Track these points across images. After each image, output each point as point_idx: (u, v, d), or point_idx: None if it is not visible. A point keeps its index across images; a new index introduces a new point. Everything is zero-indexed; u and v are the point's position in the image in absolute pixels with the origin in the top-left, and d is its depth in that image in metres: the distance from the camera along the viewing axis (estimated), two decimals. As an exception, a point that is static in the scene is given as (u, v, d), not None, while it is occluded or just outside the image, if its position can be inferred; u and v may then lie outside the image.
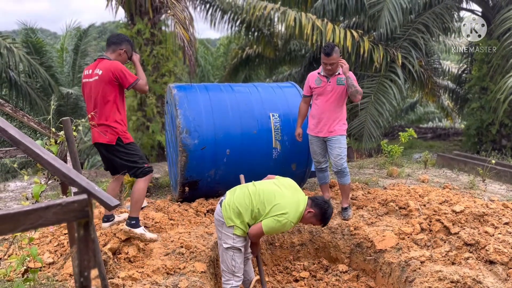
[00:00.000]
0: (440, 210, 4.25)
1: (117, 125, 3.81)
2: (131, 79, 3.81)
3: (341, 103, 4.70)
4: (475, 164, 6.66)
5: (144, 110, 9.77)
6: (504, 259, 3.42)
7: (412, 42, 9.78)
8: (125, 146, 3.86)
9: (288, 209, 3.21)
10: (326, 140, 4.76)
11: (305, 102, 4.96)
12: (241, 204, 3.33)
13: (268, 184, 3.49)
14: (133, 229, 3.81)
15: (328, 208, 3.35)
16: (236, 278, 3.41)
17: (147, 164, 3.96)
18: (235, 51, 15.68)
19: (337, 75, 4.65)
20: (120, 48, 3.95)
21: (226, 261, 3.39)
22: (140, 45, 9.52)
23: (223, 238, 3.36)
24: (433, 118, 21.20)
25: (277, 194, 3.31)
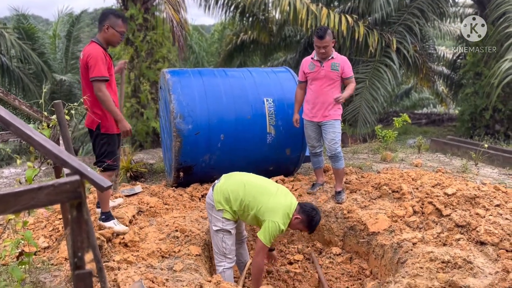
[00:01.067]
0: (433, 193, 4.29)
1: (99, 111, 3.69)
2: (95, 73, 3.52)
3: (335, 87, 4.69)
4: (468, 149, 6.71)
5: (138, 97, 9.71)
6: (494, 240, 3.47)
7: (407, 27, 9.75)
8: (101, 135, 3.76)
9: (278, 214, 3.24)
10: (320, 124, 4.77)
11: (300, 88, 4.95)
12: (234, 191, 3.37)
13: (265, 181, 3.53)
14: (104, 223, 3.79)
15: (316, 216, 3.38)
16: (228, 260, 3.45)
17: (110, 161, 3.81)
18: (229, 37, 15.56)
19: (330, 60, 4.63)
20: (103, 24, 3.68)
21: (217, 243, 3.44)
22: (133, 30, 9.42)
23: (213, 221, 3.41)
24: (427, 104, 21.27)
25: (270, 193, 3.34)
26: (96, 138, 3.79)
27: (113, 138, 3.85)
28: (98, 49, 3.61)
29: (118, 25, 3.69)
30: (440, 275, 3.05)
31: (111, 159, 3.82)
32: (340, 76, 4.64)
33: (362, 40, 9.01)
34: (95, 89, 3.57)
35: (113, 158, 3.85)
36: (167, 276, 3.22)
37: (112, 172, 3.95)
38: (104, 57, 3.63)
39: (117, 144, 3.94)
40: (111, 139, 3.83)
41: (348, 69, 4.65)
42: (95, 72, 3.53)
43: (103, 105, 3.63)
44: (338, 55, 4.71)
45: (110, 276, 3.11)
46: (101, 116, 3.73)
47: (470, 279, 3.04)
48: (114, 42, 3.75)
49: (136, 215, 4.22)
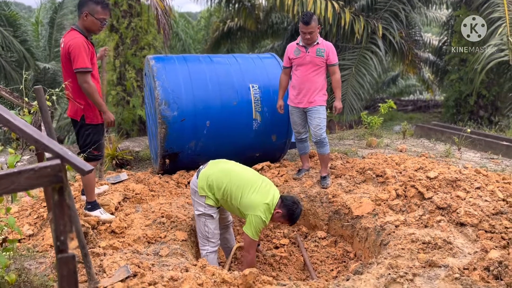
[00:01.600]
0: (415, 177, 4.37)
1: (83, 102, 3.65)
2: (79, 64, 3.44)
3: (320, 73, 4.70)
4: (451, 134, 6.82)
5: (123, 85, 9.61)
6: (474, 221, 3.56)
7: (393, 13, 9.78)
8: (85, 125, 3.73)
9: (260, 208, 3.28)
10: (306, 110, 4.79)
11: (285, 73, 4.95)
12: (218, 180, 3.40)
13: (250, 172, 3.56)
14: (90, 212, 3.79)
15: (296, 209, 3.43)
16: (211, 244, 3.51)
17: (96, 151, 3.79)
18: (216, 24, 15.44)
19: (316, 45, 4.63)
20: (81, 11, 3.56)
21: (199, 228, 3.49)
22: (117, 17, 9.28)
23: (196, 205, 3.45)
24: (414, 91, 21.43)
25: (254, 186, 3.37)
26: (81, 129, 3.76)
27: (98, 128, 3.83)
28: (79, 38, 3.51)
29: (97, 11, 3.57)
30: (421, 256, 3.13)
31: (96, 149, 3.81)
32: (325, 62, 4.66)
33: (348, 27, 9.02)
34: (80, 80, 3.51)
35: (98, 147, 3.84)
36: (153, 261, 3.24)
37: (96, 162, 3.93)
38: (86, 46, 3.55)
39: (101, 133, 3.93)
40: (95, 129, 3.80)
41: (333, 55, 4.66)
42: (78, 63, 3.46)
43: (89, 97, 3.59)
44: (324, 41, 4.71)
45: (96, 262, 3.13)
46: (85, 106, 3.69)
47: (450, 258, 3.12)
48: (95, 30, 3.64)
49: (121, 202, 4.22)
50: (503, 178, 4.60)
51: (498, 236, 3.36)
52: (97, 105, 3.65)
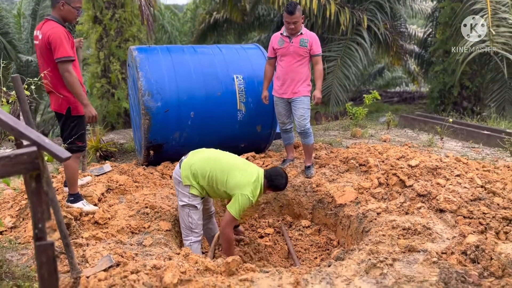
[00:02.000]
0: (397, 165, 4.43)
1: (68, 94, 3.60)
2: (61, 54, 3.39)
3: (304, 64, 4.71)
4: (434, 124, 6.91)
5: (108, 77, 9.52)
6: (453, 207, 3.63)
7: (378, 5, 9.83)
8: (71, 117, 3.69)
9: (248, 187, 3.32)
10: (290, 101, 4.80)
11: (270, 64, 4.95)
12: (201, 167, 3.42)
13: (231, 156, 3.59)
14: (72, 205, 3.76)
15: (282, 180, 3.50)
16: (194, 234, 3.52)
17: (81, 143, 3.77)
18: (202, 16, 15.33)
19: (299, 36, 4.63)
20: (57, 1, 3.50)
21: (183, 218, 3.50)
22: (101, 8, 9.16)
23: (180, 196, 3.46)
24: (400, 82, 21.59)
25: (238, 168, 3.41)
26: (66, 121, 3.72)
27: (83, 119, 3.80)
28: (59, 28, 3.47)
29: (73, 0, 3.53)
30: (401, 241, 3.19)
31: (80, 140, 3.77)
32: (309, 52, 4.67)
33: (333, 18, 9.04)
34: (62, 70, 3.46)
35: (82, 138, 3.81)
36: (136, 251, 3.25)
37: (80, 153, 3.91)
38: (67, 35, 3.51)
39: (85, 124, 3.90)
40: (81, 120, 3.78)
41: (316, 46, 4.66)
42: (60, 53, 3.41)
43: (70, 87, 3.53)
44: (308, 31, 4.71)
45: (79, 252, 3.12)
46: (71, 98, 3.64)
47: (429, 243, 3.19)
48: (71, 19, 3.60)
49: (105, 193, 4.20)
50: (483, 166, 4.70)
51: (476, 222, 3.44)
52: (78, 96, 3.59)
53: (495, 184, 4.03)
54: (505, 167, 4.78)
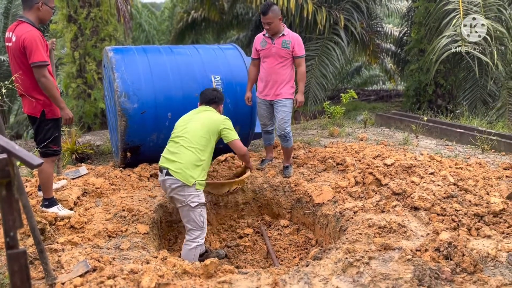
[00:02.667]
0: (373, 164, 4.51)
1: (42, 97, 3.54)
2: (36, 58, 3.34)
3: (287, 66, 4.63)
4: (410, 122, 7.05)
5: (84, 77, 9.35)
6: (427, 205, 3.72)
7: (354, 4, 9.93)
8: (46, 120, 3.62)
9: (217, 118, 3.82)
10: (272, 103, 4.77)
11: (253, 65, 4.88)
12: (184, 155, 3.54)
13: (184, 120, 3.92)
14: (47, 209, 3.70)
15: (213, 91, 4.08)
16: (204, 231, 3.64)
17: (55, 146, 3.72)
18: (180, 15, 15.21)
19: (281, 37, 4.56)
20: (36, 2, 3.43)
21: (195, 219, 3.57)
22: (75, 7, 8.98)
23: (190, 199, 3.52)
24: (377, 81, 21.89)
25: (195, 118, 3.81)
26: (41, 124, 3.64)
27: (58, 122, 3.75)
28: (34, 31, 3.40)
29: (50, 0, 3.51)
30: (377, 239, 3.25)
31: (54, 144, 3.70)
32: (291, 54, 4.60)
33: (311, 18, 9.10)
34: (38, 75, 3.40)
35: (57, 142, 3.74)
36: (113, 255, 3.21)
37: (55, 157, 3.83)
38: (42, 39, 3.44)
39: (61, 127, 3.83)
40: (56, 123, 3.71)
41: (299, 47, 4.59)
42: (35, 57, 3.35)
43: (47, 91, 3.48)
44: (290, 32, 4.64)
45: (54, 258, 3.07)
46: (45, 101, 3.57)
47: (404, 241, 3.26)
48: (47, 20, 3.56)
49: (81, 197, 4.14)
50: (456, 163, 4.83)
51: (449, 219, 3.53)
52: (55, 100, 3.54)
53: (467, 182, 4.15)
54: (476, 164, 4.92)
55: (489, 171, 4.64)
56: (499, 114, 8.74)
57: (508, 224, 3.42)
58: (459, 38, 7.47)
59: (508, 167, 4.78)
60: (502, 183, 4.26)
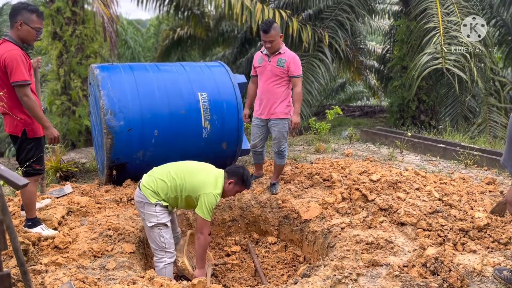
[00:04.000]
0: (359, 180, 4.55)
1: (23, 116, 3.48)
2: (17, 77, 3.28)
3: (282, 84, 4.54)
4: (394, 138, 7.15)
5: (69, 94, 9.29)
6: (413, 220, 3.76)
7: (338, 22, 10.14)
8: (28, 140, 3.55)
9: (210, 185, 3.35)
10: (267, 121, 4.71)
11: (252, 82, 4.85)
12: (160, 184, 3.40)
13: (188, 161, 3.64)
14: (30, 230, 3.61)
15: (244, 171, 3.53)
16: (168, 255, 3.45)
17: (38, 166, 3.64)
18: (166, 32, 15.31)
19: (278, 55, 4.50)
20: (15, 21, 3.37)
21: (155, 240, 3.42)
22: (61, 24, 8.98)
23: (147, 218, 3.39)
24: (362, 97, 22.24)
25: (197, 170, 3.46)
26: (22, 144, 3.57)
27: (41, 141, 3.67)
28: (16, 50, 3.35)
29: (32, 20, 3.41)
30: (364, 256, 3.26)
31: (37, 163, 3.63)
32: (287, 73, 4.50)
33: (296, 35, 9.24)
34: (20, 94, 3.35)
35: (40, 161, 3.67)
36: (99, 276, 3.15)
37: (38, 176, 3.76)
38: (24, 58, 3.39)
39: (43, 146, 3.77)
40: (38, 143, 3.63)
41: (294, 67, 4.47)
42: (16, 76, 3.30)
43: (30, 111, 3.43)
44: (288, 51, 4.56)
45: (37, 280, 3.00)
46: (26, 120, 3.51)
47: (391, 257, 3.28)
48: (30, 40, 3.48)
49: (65, 216, 4.06)
50: (440, 178, 4.90)
51: (435, 234, 3.57)
52: (39, 120, 3.49)
53: (452, 196, 4.21)
54: (460, 179, 5.00)
55: (472, 186, 4.72)
56: (480, 129, 8.94)
57: (493, 239, 3.48)
58: (439, 56, 7.67)
59: (490, 182, 4.87)
60: (486, 197, 4.34)
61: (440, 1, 8.75)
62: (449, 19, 8.38)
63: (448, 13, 8.51)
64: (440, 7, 8.59)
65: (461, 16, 8.34)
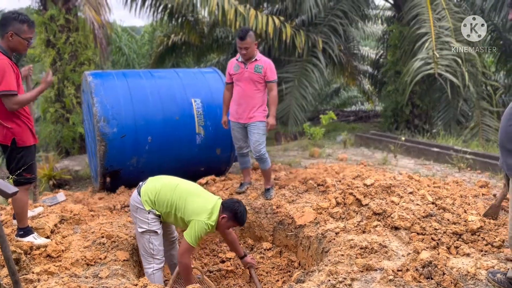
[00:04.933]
0: (353, 184, 4.55)
1: (12, 124, 3.45)
2: (3, 87, 3.26)
3: (259, 90, 4.72)
4: (388, 142, 7.18)
5: (62, 101, 9.24)
6: (407, 224, 3.76)
7: (331, 28, 10.20)
8: (17, 149, 3.51)
9: (204, 213, 3.30)
10: (246, 126, 4.83)
11: (227, 89, 4.95)
12: (161, 194, 3.38)
13: (191, 184, 3.58)
14: (22, 239, 3.57)
15: (239, 207, 3.44)
16: (156, 261, 3.44)
17: (29, 174, 3.61)
18: (160, 39, 15.29)
19: (254, 62, 4.66)
20: (5, 31, 3.35)
21: (143, 245, 3.42)
22: (54, 32, 8.95)
23: (138, 223, 3.38)
24: (356, 102, 22.29)
25: (195, 195, 3.40)
26: (12, 153, 3.54)
27: (31, 149, 3.62)
28: (4, 60, 3.33)
29: (23, 31, 3.39)
30: (359, 260, 3.26)
31: (28, 172, 3.60)
32: (264, 78, 4.69)
33: (289, 41, 9.28)
34: (9, 104, 3.33)
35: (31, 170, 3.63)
36: (92, 284, 3.12)
37: (29, 185, 3.73)
38: (11, 67, 3.36)
39: (34, 154, 3.73)
40: (28, 151, 3.59)
41: (271, 72, 4.69)
42: (3, 86, 3.28)
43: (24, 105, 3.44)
44: (263, 57, 4.76)
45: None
46: (15, 128, 3.48)
47: (385, 261, 3.28)
48: (21, 50, 3.46)
49: (58, 224, 4.03)
50: (434, 182, 4.92)
51: (429, 238, 3.58)
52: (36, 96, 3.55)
53: (445, 200, 4.23)
54: (453, 182, 5.03)
55: (466, 189, 4.74)
56: (473, 133, 9.00)
57: (486, 242, 3.49)
58: (431, 61, 7.72)
59: (483, 185, 4.90)
60: (479, 201, 4.35)
61: (431, 7, 8.82)
62: (441, 24, 8.45)
63: (440, 19, 8.58)
64: (431, 13, 8.66)
65: (453, 22, 8.41)
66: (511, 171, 2.67)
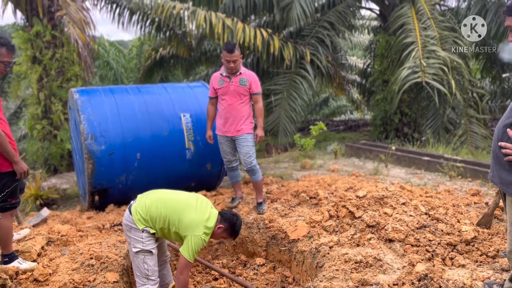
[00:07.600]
0: (346, 197, 4.52)
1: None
2: None
3: (245, 102, 4.74)
4: (379, 152, 7.19)
5: (50, 118, 9.14)
6: (401, 236, 3.73)
7: (319, 39, 10.27)
8: (1, 175, 3.38)
9: (200, 228, 3.21)
10: (234, 139, 4.80)
11: (212, 104, 4.93)
12: (153, 211, 3.28)
13: (183, 195, 3.48)
14: (7, 266, 3.45)
15: (237, 221, 3.39)
16: (151, 282, 3.34)
17: (14, 199, 3.49)
18: (148, 52, 15.26)
19: (239, 75, 4.68)
20: None
21: (138, 266, 3.31)
22: (40, 48, 8.88)
23: (132, 243, 3.28)
24: (345, 111, 22.44)
25: (190, 207, 3.30)
26: None
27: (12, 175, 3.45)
28: None
29: (2, 54, 3.29)
30: (354, 275, 3.21)
31: (12, 197, 3.48)
32: (249, 91, 4.72)
33: (277, 53, 9.32)
34: None
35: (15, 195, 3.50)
36: (80, 309, 3.03)
37: (14, 210, 3.60)
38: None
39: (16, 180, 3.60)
40: (10, 177, 3.44)
41: (256, 84, 4.72)
42: None
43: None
44: (247, 70, 4.79)
45: (14, 317, 2.86)
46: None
47: (380, 275, 3.23)
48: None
49: (45, 246, 3.92)
50: (426, 192, 4.91)
51: (423, 249, 3.54)
52: (7, 154, 3.32)
53: (438, 210, 4.20)
54: (445, 191, 5.02)
55: (458, 198, 4.73)
56: (462, 140, 9.06)
57: (481, 252, 3.46)
58: (419, 69, 7.79)
59: (475, 193, 4.90)
60: (471, 209, 4.34)
61: (417, 16, 8.95)
62: (427, 33, 8.55)
63: (425, 28, 8.69)
64: (417, 22, 8.78)
65: (438, 30, 8.52)
66: (505, 186, 2.56)
